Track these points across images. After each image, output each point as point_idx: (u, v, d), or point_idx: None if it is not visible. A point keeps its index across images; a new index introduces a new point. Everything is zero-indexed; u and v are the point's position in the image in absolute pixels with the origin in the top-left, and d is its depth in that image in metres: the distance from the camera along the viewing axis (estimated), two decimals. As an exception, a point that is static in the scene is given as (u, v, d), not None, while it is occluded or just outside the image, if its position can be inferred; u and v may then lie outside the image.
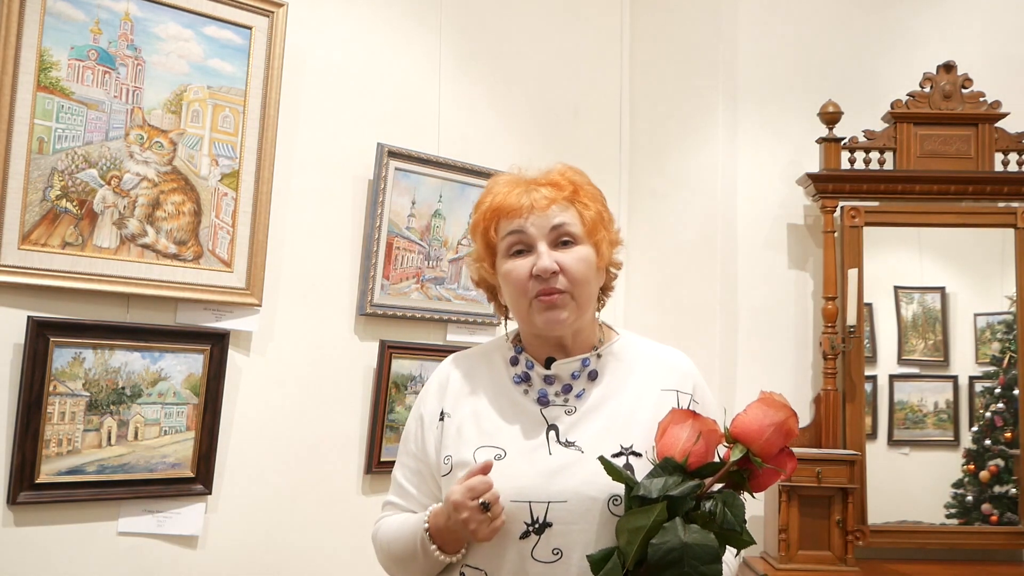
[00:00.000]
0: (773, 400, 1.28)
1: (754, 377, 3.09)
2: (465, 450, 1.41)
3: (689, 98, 3.24)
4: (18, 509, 1.93)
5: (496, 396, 1.46)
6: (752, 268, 3.20)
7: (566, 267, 1.40)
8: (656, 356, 1.50)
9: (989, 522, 2.97)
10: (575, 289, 1.40)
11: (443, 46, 2.77)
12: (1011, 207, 3.03)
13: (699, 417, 1.30)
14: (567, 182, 1.45)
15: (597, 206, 1.46)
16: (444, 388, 1.51)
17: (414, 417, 1.53)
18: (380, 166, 2.49)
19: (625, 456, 1.36)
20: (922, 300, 3.12)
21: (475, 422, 1.44)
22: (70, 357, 1.97)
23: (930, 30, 3.22)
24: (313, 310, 2.44)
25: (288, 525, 2.37)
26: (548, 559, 1.32)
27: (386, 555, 1.49)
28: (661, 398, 1.43)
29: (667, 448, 1.28)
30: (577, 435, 1.39)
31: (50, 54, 1.94)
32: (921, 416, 3.07)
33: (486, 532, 1.31)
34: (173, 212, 2.12)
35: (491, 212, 1.44)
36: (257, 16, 2.24)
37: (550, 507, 1.33)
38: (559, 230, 1.41)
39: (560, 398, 1.44)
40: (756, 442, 1.25)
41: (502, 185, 1.46)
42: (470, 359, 1.55)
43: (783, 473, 1.27)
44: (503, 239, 1.44)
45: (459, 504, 1.30)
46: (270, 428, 2.34)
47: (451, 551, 1.38)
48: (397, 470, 1.53)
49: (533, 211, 1.41)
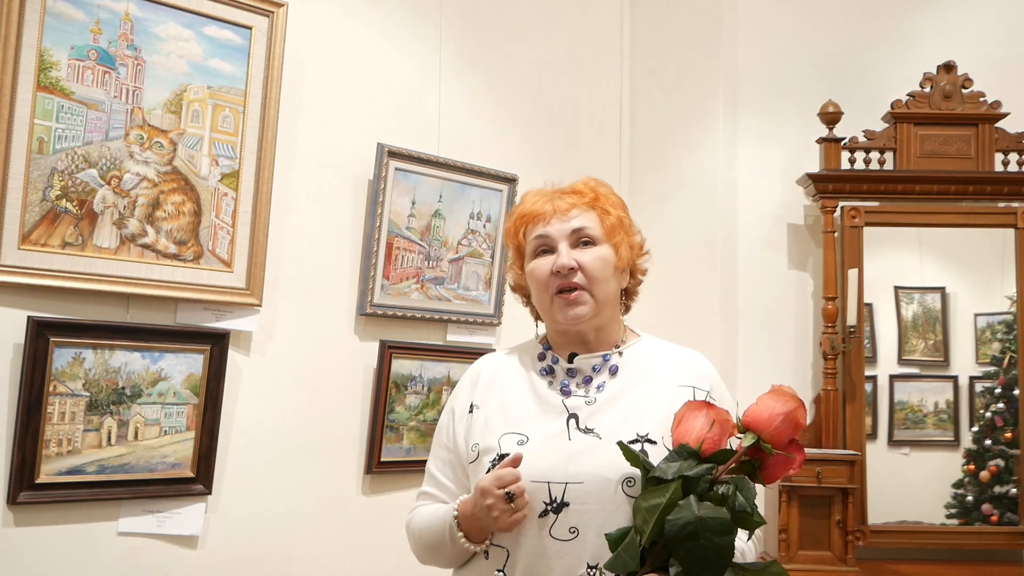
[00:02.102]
0: (783, 392, 1.34)
1: (754, 377, 3.08)
2: (491, 437, 1.51)
3: (689, 98, 3.24)
4: (18, 509, 1.93)
5: (523, 388, 1.56)
6: (752, 268, 3.20)
7: (584, 265, 1.51)
8: (675, 356, 1.59)
9: (989, 522, 2.97)
10: (592, 286, 1.51)
11: (443, 46, 2.77)
12: (1011, 207, 3.03)
13: (714, 407, 1.37)
14: (589, 190, 1.58)
15: (618, 212, 1.58)
16: (475, 383, 1.61)
17: (447, 412, 1.63)
18: (380, 166, 2.49)
19: (641, 443, 1.44)
20: (922, 300, 3.12)
21: (501, 412, 1.54)
22: (70, 357, 1.97)
23: (930, 30, 3.22)
24: (313, 310, 2.44)
25: (288, 525, 2.37)
26: (565, 537, 1.41)
27: (417, 543, 1.57)
28: (678, 393, 1.50)
29: (683, 435, 1.35)
30: (596, 423, 1.48)
31: (50, 54, 1.94)
32: (921, 416, 3.07)
33: (506, 522, 1.39)
34: (173, 212, 2.12)
35: (520, 219, 1.58)
36: (257, 16, 2.24)
37: (568, 488, 1.41)
38: (579, 232, 1.53)
39: (581, 389, 1.53)
40: (766, 430, 1.31)
41: (532, 196, 1.60)
42: (501, 357, 1.66)
43: (793, 461, 1.33)
44: (530, 243, 1.57)
45: (486, 490, 1.39)
46: (270, 428, 2.34)
47: (477, 540, 1.46)
48: (431, 462, 1.62)
49: (556, 215, 1.54)
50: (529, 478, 1.40)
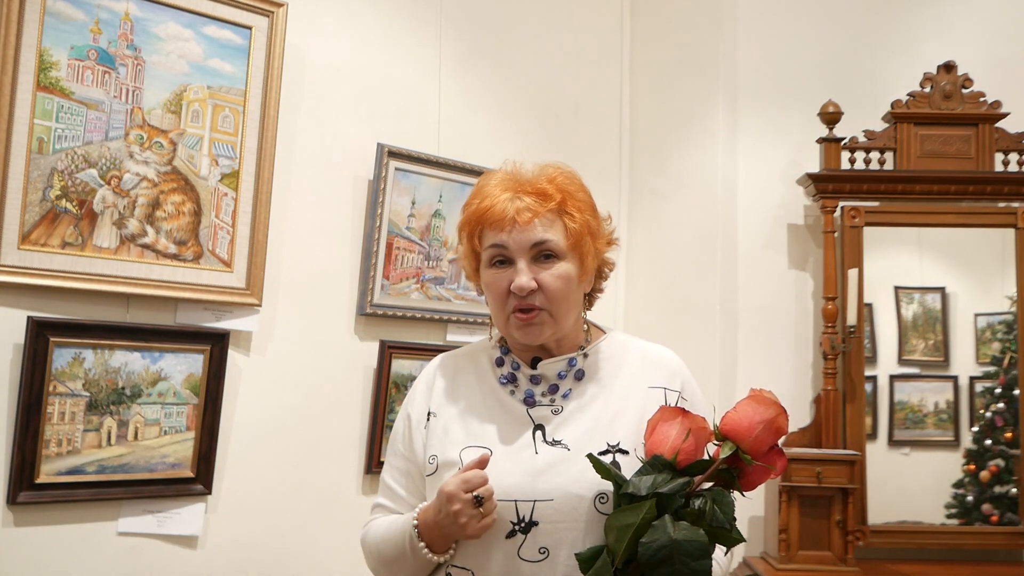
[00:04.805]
0: (763, 397, 1.27)
1: (754, 377, 3.08)
2: (451, 450, 1.41)
3: (689, 98, 3.24)
4: (18, 509, 1.93)
5: (483, 397, 1.46)
6: (752, 268, 3.19)
7: (544, 285, 1.39)
8: (643, 354, 1.50)
9: (989, 522, 2.97)
10: (552, 306, 1.40)
11: (443, 46, 2.77)
12: (1011, 207, 3.03)
13: (689, 415, 1.29)
14: (556, 190, 1.43)
15: (585, 216, 1.44)
16: (431, 388, 1.51)
17: (402, 417, 1.53)
18: (380, 166, 2.49)
19: (612, 454, 1.35)
20: (922, 300, 3.12)
21: (461, 422, 1.44)
22: (70, 357, 1.97)
23: (930, 30, 3.22)
24: (313, 310, 2.44)
25: (288, 525, 2.37)
26: (535, 558, 1.32)
27: (375, 558, 1.48)
28: (648, 395, 1.43)
29: (656, 446, 1.27)
30: (564, 434, 1.39)
31: (50, 54, 1.94)
32: (921, 416, 3.07)
33: (475, 528, 1.30)
34: (173, 212, 2.12)
35: (476, 219, 1.43)
36: (257, 16, 2.24)
37: (536, 506, 1.33)
38: (540, 246, 1.40)
39: (547, 398, 1.43)
40: (746, 439, 1.24)
41: (492, 188, 1.44)
42: (456, 359, 1.55)
43: (773, 471, 1.26)
44: (486, 249, 1.43)
45: (452, 495, 1.29)
46: (270, 428, 2.34)
47: (440, 550, 1.37)
48: (385, 472, 1.53)
49: (516, 225, 1.39)
50: (495, 496, 1.31)
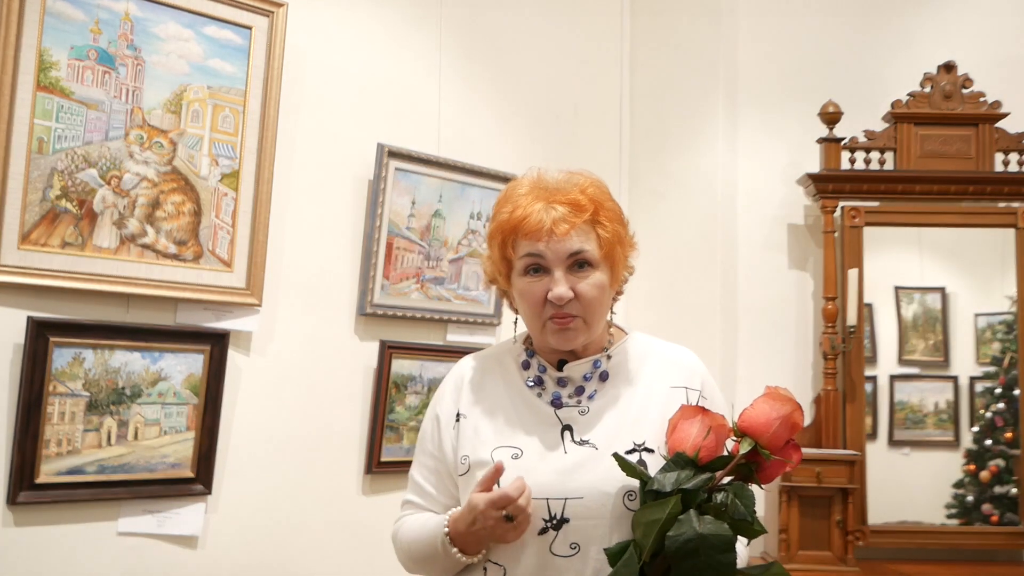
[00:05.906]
0: (779, 394, 1.32)
1: (754, 377, 3.08)
2: (482, 450, 1.45)
3: (689, 98, 3.24)
4: (18, 509, 1.93)
5: (510, 398, 1.50)
6: (752, 268, 3.20)
7: (580, 294, 1.42)
8: (664, 354, 1.54)
9: (989, 522, 2.98)
10: (587, 314, 1.44)
11: (443, 46, 2.77)
12: (1011, 207, 3.03)
13: (708, 413, 1.34)
14: (588, 201, 1.44)
15: (615, 226, 1.47)
16: (459, 389, 1.55)
17: (430, 417, 1.57)
18: (380, 166, 2.49)
19: (638, 453, 1.40)
20: (922, 300, 3.12)
21: (491, 423, 1.48)
22: (70, 357, 1.97)
23: (930, 30, 3.22)
24: (313, 310, 2.44)
25: (288, 525, 2.37)
26: (566, 553, 1.37)
27: (407, 555, 1.53)
28: (671, 395, 1.47)
29: (678, 443, 1.32)
30: (591, 434, 1.43)
31: (50, 54, 1.94)
32: (921, 416, 3.07)
33: (513, 536, 1.36)
34: (173, 212, 2.12)
35: (510, 228, 1.44)
36: (257, 16, 2.24)
37: (567, 503, 1.37)
38: (576, 256, 1.42)
39: (573, 399, 1.48)
40: (763, 435, 1.30)
41: (522, 195, 1.45)
42: (483, 361, 1.58)
43: (790, 463, 1.32)
44: (520, 258, 1.45)
45: (484, 514, 1.34)
46: (270, 428, 2.34)
47: (472, 552, 1.42)
48: (415, 469, 1.57)
49: (552, 236, 1.41)
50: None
